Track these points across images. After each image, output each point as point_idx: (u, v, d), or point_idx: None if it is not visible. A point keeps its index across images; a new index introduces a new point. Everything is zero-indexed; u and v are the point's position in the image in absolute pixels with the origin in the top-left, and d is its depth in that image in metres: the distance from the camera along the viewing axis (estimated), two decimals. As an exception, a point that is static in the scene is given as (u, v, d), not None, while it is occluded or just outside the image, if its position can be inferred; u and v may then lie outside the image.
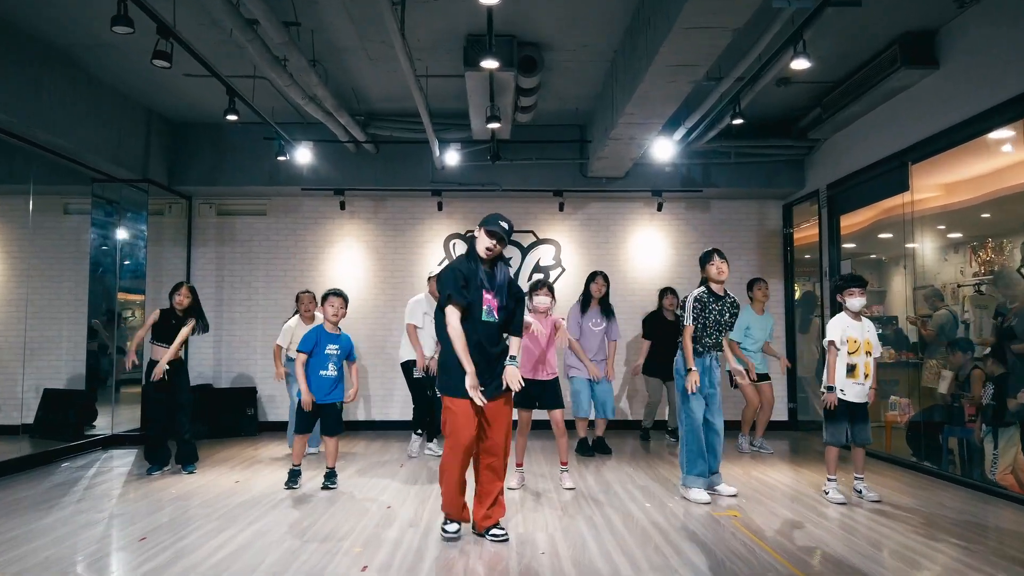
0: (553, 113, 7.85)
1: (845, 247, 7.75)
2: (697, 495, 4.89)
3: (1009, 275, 5.88)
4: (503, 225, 3.91)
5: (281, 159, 7.33)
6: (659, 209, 8.56)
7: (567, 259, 8.74)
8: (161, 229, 8.48)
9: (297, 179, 8.20)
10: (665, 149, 7.12)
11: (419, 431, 6.68)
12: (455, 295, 3.81)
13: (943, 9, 5.41)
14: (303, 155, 7.35)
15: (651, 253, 8.75)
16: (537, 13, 5.55)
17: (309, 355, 5.17)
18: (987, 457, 5.34)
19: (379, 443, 7.42)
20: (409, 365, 6.64)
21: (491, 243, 3.89)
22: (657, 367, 7.30)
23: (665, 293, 7.50)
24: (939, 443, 6.02)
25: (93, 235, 7.62)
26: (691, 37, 4.57)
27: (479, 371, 3.80)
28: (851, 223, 7.67)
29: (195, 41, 5.45)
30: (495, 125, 6.44)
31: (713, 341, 5.05)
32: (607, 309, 6.77)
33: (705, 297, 5.01)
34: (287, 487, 5.23)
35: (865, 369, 4.88)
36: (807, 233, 8.52)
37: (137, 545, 3.86)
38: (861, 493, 4.97)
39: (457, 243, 8.70)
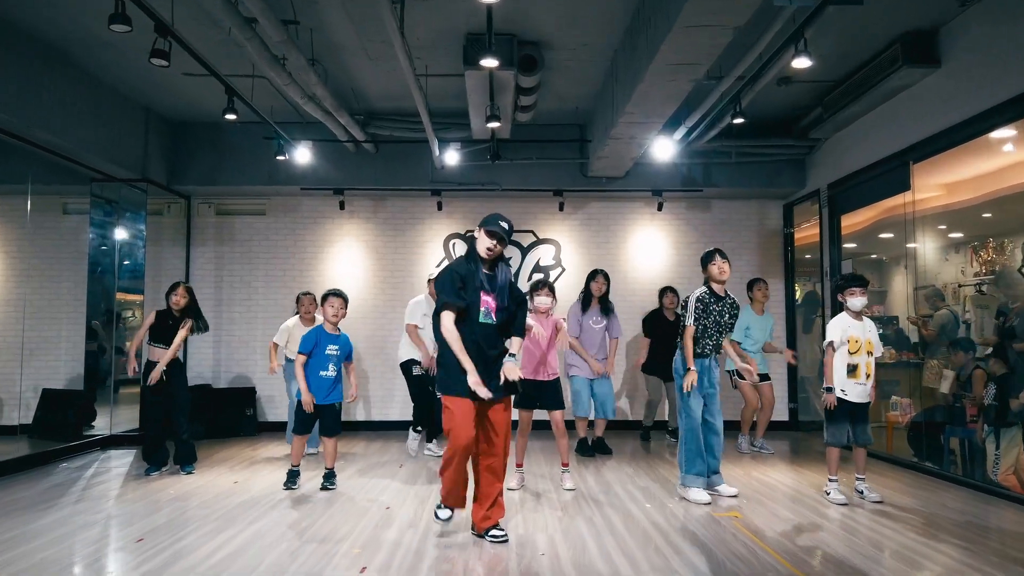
0: (553, 112, 7.83)
1: (846, 247, 7.72)
2: (696, 495, 4.87)
3: (1010, 275, 5.87)
4: (503, 225, 3.89)
5: (280, 159, 7.30)
6: (659, 209, 8.54)
7: (567, 259, 8.72)
8: (160, 229, 8.46)
9: (296, 179, 8.18)
10: (665, 148, 7.09)
11: (418, 428, 6.67)
12: (450, 301, 3.79)
13: (945, 7, 5.40)
14: (302, 155, 7.33)
15: (651, 253, 8.73)
16: (537, 12, 5.53)
17: (309, 356, 5.16)
18: (989, 457, 5.33)
19: (379, 443, 7.40)
20: (408, 365, 6.63)
21: (491, 243, 3.87)
22: (657, 366, 7.28)
23: (665, 292, 7.49)
24: (941, 443, 6.01)
25: (92, 235, 7.60)
26: (692, 36, 4.55)
27: (477, 372, 3.78)
28: (852, 223, 7.65)
29: (193, 40, 5.43)
30: (495, 124, 6.42)
31: (714, 343, 5.03)
32: (607, 307, 6.75)
33: (707, 297, 4.99)
34: (286, 488, 5.21)
35: (867, 369, 4.85)
36: (808, 233, 8.49)
37: (135, 546, 3.84)
38: (863, 494, 4.95)
39: (457, 243, 8.68)
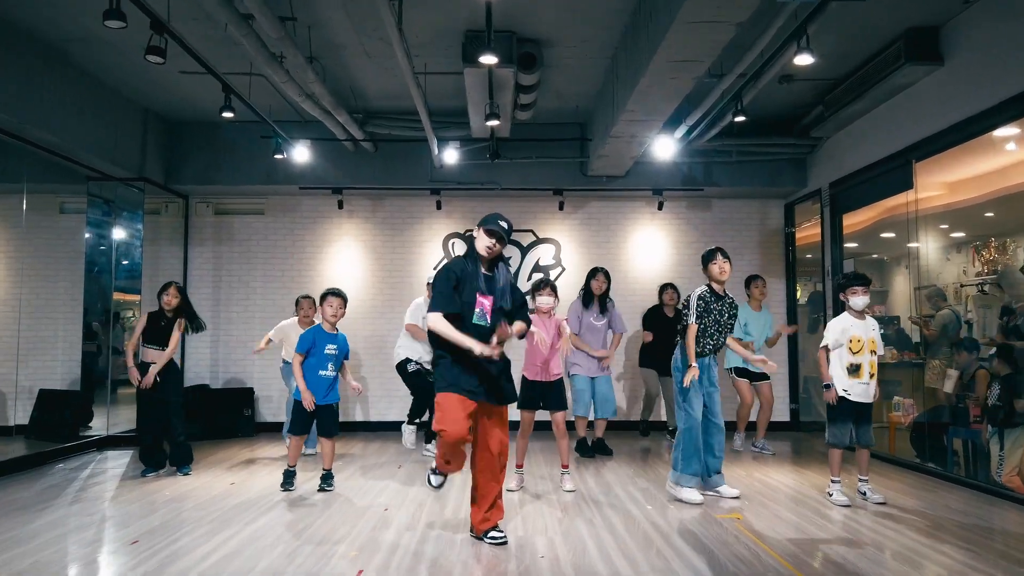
0: (553, 111, 7.79)
1: (847, 246, 7.68)
2: (689, 495, 4.81)
3: (1012, 275, 5.83)
4: (503, 224, 3.85)
5: (278, 157, 7.25)
6: (660, 208, 8.50)
7: (567, 258, 8.68)
8: (158, 228, 8.42)
9: (295, 178, 8.14)
10: (666, 147, 7.04)
11: (414, 421, 6.67)
12: (442, 306, 3.72)
13: (948, 5, 5.36)
14: (301, 154, 7.28)
15: (652, 252, 8.68)
16: (537, 8, 5.49)
17: (306, 355, 5.11)
18: (993, 458, 5.28)
19: (377, 444, 7.36)
20: (404, 364, 6.65)
21: (491, 242, 3.83)
22: (654, 360, 7.28)
23: (665, 288, 7.50)
24: (944, 444, 5.97)
25: (89, 234, 7.56)
26: (693, 32, 4.51)
27: (468, 376, 3.71)
28: (853, 222, 7.61)
29: (190, 37, 5.39)
30: (494, 123, 6.36)
31: (714, 343, 4.98)
32: (607, 305, 6.71)
33: (708, 296, 4.94)
34: (283, 489, 5.16)
35: (870, 368, 4.81)
36: (809, 232, 8.45)
37: (129, 548, 3.79)
38: (865, 495, 4.90)
39: (456, 242, 8.64)
